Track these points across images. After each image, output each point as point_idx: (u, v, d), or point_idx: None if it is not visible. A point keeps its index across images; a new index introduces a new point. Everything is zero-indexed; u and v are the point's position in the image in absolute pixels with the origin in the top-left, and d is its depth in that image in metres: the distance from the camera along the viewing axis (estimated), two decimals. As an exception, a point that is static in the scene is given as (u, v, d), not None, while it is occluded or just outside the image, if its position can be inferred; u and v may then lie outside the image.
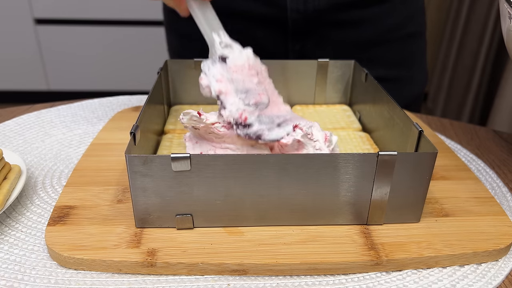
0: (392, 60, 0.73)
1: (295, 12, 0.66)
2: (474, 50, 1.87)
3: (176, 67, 0.60)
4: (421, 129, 0.40)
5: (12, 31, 1.97)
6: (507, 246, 0.39)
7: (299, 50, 0.71)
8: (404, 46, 0.73)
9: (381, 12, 0.69)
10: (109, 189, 0.45)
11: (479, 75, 1.87)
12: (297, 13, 0.66)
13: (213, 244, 0.38)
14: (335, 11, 0.67)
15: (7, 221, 0.42)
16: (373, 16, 0.69)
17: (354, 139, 0.53)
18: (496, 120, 1.66)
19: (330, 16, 0.67)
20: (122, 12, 1.95)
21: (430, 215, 0.42)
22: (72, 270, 0.36)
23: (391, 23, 0.70)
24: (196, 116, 0.42)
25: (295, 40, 0.70)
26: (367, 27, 0.69)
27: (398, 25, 0.71)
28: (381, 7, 0.68)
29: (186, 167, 0.36)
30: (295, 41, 0.70)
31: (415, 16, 0.73)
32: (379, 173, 0.37)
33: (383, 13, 0.69)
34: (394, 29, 0.71)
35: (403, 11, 0.70)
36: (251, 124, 0.42)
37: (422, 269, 0.38)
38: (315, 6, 0.66)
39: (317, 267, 0.36)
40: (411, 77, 0.77)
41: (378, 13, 0.69)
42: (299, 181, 0.37)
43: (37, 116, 0.63)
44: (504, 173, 0.53)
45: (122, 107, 0.67)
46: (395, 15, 0.70)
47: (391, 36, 0.71)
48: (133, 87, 2.14)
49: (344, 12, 0.67)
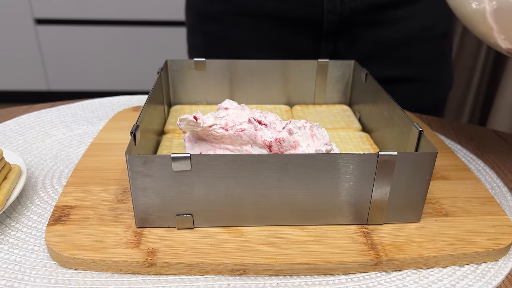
0: (424, 60, 0.73)
1: (331, 13, 0.66)
2: (474, 50, 1.87)
3: (176, 67, 0.60)
4: (421, 129, 0.40)
5: (12, 31, 1.97)
6: (507, 246, 0.39)
7: (332, 50, 0.71)
8: (435, 47, 0.73)
9: (414, 11, 0.69)
10: (109, 189, 0.45)
11: (479, 75, 1.87)
12: (333, 14, 0.66)
13: (213, 244, 0.38)
14: (370, 12, 0.67)
15: (7, 221, 0.42)
16: (406, 15, 0.69)
17: (354, 139, 0.53)
18: (496, 120, 1.66)
19: (364, 17, 0.67)
20: (122, 12, 1.95)
21: (430, 215, 0.42)
22: (72, 270, 0.36)
23: (424, 23, 0.70)
24: (192, 121, 0.42)
25: (328, 40, 0.70)
26: (400, 27, 0.69)
27: (430, 24, 0.71)
28: (415, 7, 0.68)
29: (187, 167, 0.36)
30: (328, 42, 0.70)
31: (446, 17, 0.73)
32: (379, 173, 0.37)
33: (416, 12, 0.69)
34: (426, 28, 0.71)
35: (434, 11, 0.70)
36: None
37: (422, 269, 0.38)
38: (351, 7, 0.66)
39: (317, 267, 0.36)
40: (439, 77, 0.77)
41: (411, 13, 0.69)
42: (299, 181, 0.37)
43: (37, 116, 0.63)
44: (504, 173, 0.53)
45: (122, 107, 0.67)
46: (427, 15, 0.70)
47: (423, 36, 0.71)
48: (133, 87, 2.14)
49: (378, 12, 0.67)
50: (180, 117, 0.42)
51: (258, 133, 0.42)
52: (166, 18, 1.97)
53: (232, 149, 0.44)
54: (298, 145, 0.42)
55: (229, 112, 0.45)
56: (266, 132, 0.42)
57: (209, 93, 0.62)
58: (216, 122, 0.43)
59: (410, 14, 0.69)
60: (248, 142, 0.43)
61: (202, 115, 0.43)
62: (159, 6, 1.94)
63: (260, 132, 0.42)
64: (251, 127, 0.42)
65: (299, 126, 0.42)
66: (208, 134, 0.44)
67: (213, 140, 0.44)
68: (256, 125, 0.42)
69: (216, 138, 0.44)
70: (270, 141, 0.41)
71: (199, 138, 0.46)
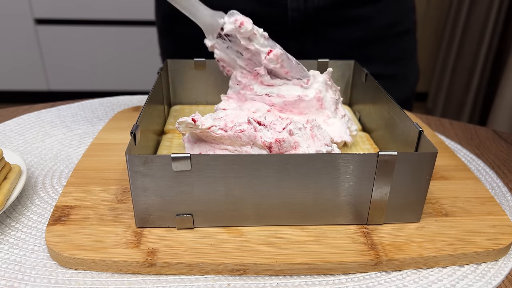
0: (389, 57, 0.75)
1: (295, 11, 0.67)
2: (474, 50, 1.87)
3: (176, 67, 0.60)
4: (421, 129, 0.40)
5: (12, 31, 1.97)
6: (506, 246, 0.39)
7: (298, 49, 0.72)
8: (399, 43, 0.75)
9: (377, 10, 0.70)
10: (109, 189, 0.45)
11: (479, 75, 1.87)
12: (297, 12, 0.68)
13: (213, 244, 0.38)
14: (334, 10, 0.68)
15: (7, 221, 0.42)
16: (369, 14, 0.70)
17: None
18: (496, 120, 1.66)
19: (328, 15, 0.69)
20: (122, 12, 1.95)
21: (430, 215, 0.42)
22: (72, 270, 0.36)
23: (387, 20, 0.72)
24: (191, 123, 0.42)
25: (294, 39, 0.71)
26: (364, 25, 0.71)
27: (393, 22, 0.73)
28: (377, 5, 0.70)
29: (187, 167, 0.36)
30: (294, 41, 0.71)
31: (407, 14, 0.75)
32: (379, 173, 0.37)
33: (379, 11, 0.71)
34: (389, 26, 0.73)
35: (396, 9, 0.73)
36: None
37: (422, 269, 0.38)
38: (314, 5, 0.67)
39: (317, 267, 0.36)
40: (405, 73, 0.79)
41: (374, 11, 0.70)
42: (299, 181, 0.37)
43: (37, 116, 0.63)
44: (504, 173, 0.53)
45: (122, 107, 0.67)
46: (390, 12, 0.72)
47: (387, 34, 0.73)
48: (133, 87, 2.14)
49: (342, 10, 0.69)
50: (179, 120, 0.42)
51: (258, 134, 0.42)
52: (166, 18, 1.97)
53: (231, 150, 0.44)
54: (298, 146, 0.42)
55: (227, 113, 0.45)
56: (266, 133, 0.42)
57: (209, 93, 0.62)
58: (215, 123, 0.42)
59: (372, 12, 0.70)
60: (248, 143, 0.43)
61: (200, 116, 0.43)
62: (159, 6, 1.94)
63: (260, 133, 0.42)
64: (250, 128, 0.42)
65: (299, 127, 0.42)
66: (207, 135, 0.44)
67: (213, 141, 0.44)
68: (256, 126, 0.42)
69: (215, 139, 0.44)
70: (270, 142, 0.41)
71: (198, 139, 0.46)
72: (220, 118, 0.44)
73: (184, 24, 0.56)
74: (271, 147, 0.42)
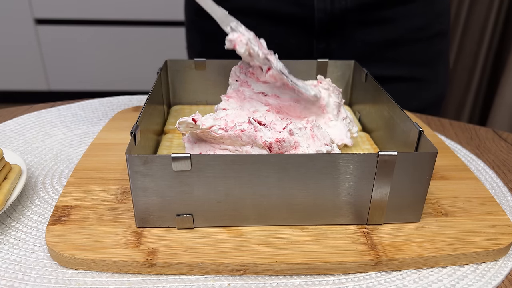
0: (418, 59, 0.73)
1: (322, 12, 0.67)
2: (473, 51, 1.87)
3: (176, 67, 0.60)
4: (421, 129, 0.40)
5: (12, 31, 1.97)
6: (506, 246, 0.39)
7: (323, 49, 0.71)
8: (430, 46, 0.73)
9: (407, 12, 0.68)
10: (109, 189, 0.45)
11: (479, 75, 1.87)
12: (324, 13, 0.67)
13: (213, 244, 0.38)
14: (361, 11, 0.67)
15: (8, 221, 0.42)
16: (399, 16, 0.68)
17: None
18: (496, 120, 1.66)
19: (356, 16, 0.67)
20: (122, 12, 1.95)
21: (430, 215, 0.42)
22: (73, 270, 0.36)
23: (419, 23, 0.69)
24: (191, 123, 0.42)
25: (320, 39, 0.70)
26: (393, 27, 0.69)
27: (424, 25, 0.70)
28: (407, 7, 0.68)
29: (187, 167, 0.36)
30: (320, 41, 0.70)
31: (442, 15, 0.72)
32: (379, 173, 0.37)
33: (409, 13, 0.68)
34: (421, 28, 0.70)
35: (429, 11, 0.70)
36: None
37: (422, 269, 0.38)
38: (341, 6, 0.66)
39: (317, 267, 0.36)
40: (435, 76, 0.76)
41: (403, 13, 0.68)
42: (299, 181, 0.37)
43: (37, 116, 0.63)
44: (504, 173, 0.53)
45: (122, 107, 0.67)
46: (421, 15, 0.69)
47: (417, 36, 0.70)
48: (133, 87, 2.14)
49: (369, 12, 0.67)
50: (179, 120, 0.42)
51: (258, 133, 0.42)
52: (166, 18, 1.97)
53: (232, 150, 0.44)
54: (298, 146, 0.42)
55: (228, 113, 0.45)
56: (266, 132, 0.42)
57: (209, 93, 0.62)
58: (215, 123, 0.43)
59: (402, 14, 0.68)
60: (248, 143, 0.43)
61: (201, 116, 0.43)
62: (159, 6, 1.94)
63: (260, 132, 0.42)
64: (250, 128, 0.42)
65: (299, 127, 0.42)
66: (207, 135, 0.44)
67: (213, 141, 0.44)
68: (256, 126, 0.42)
69: (215, 139, 0.44)
70: (270, 142, 0.41)
71: (198, 139, 0.46)
72: (220, 118, 0.44)
73: (208, 18, 0.55)
74: (271, 147, 0.42)
